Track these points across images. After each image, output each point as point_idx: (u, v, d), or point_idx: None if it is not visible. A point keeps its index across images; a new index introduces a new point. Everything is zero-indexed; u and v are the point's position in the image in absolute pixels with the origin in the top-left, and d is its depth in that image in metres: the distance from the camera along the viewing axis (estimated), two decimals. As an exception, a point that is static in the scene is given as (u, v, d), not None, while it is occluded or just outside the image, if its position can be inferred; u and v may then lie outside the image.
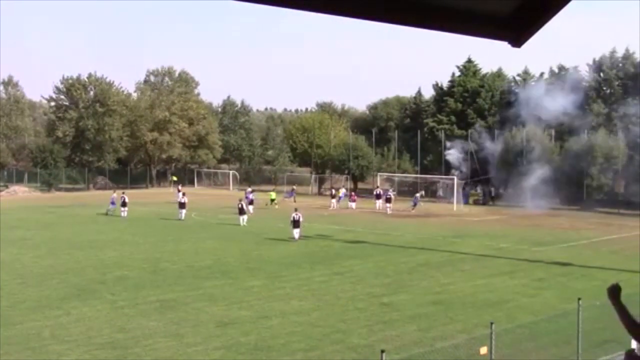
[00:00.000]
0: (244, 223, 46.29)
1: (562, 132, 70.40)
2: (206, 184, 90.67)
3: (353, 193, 66.55)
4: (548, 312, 21.41)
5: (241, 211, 47.08)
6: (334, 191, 65.27)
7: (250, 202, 53.99)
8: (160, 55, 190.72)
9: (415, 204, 59.79)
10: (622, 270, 30.34)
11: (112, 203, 53.14)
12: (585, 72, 76.80)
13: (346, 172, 79.32)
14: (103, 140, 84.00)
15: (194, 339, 19.14)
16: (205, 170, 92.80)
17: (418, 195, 62.37)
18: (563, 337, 17.51)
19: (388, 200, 59.14)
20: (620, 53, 74.89)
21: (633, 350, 4.92)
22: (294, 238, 39.34)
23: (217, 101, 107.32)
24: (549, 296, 25.34)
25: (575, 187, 62.79)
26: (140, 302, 23.59)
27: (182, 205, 50.51)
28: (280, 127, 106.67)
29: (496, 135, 70.94)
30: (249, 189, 61.12)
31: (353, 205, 61.22)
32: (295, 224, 39.83)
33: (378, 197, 61.36)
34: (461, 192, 66.57)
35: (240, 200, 48.58)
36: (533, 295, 25.60)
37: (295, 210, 40.92)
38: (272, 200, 60.15)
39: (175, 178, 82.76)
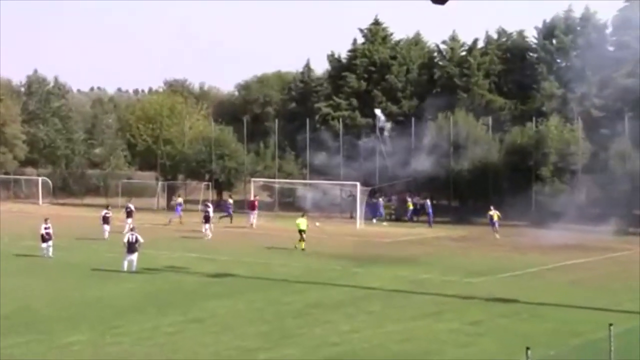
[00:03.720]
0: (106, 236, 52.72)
1: (502, 121, 72.74)
2: (4, 196, 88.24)
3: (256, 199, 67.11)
4: (487, 366, 21.50)
5: (105, 220, 53.67)
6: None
7: (105, 220, 54.84)
8: None
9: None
10: (586, 307, 31.16)
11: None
12: (532, 39, 78.89)
13: (207, 177, 79.01)
14: None
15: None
16: (3, 176, 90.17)
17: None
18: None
19: (206, 218, 57.10)
20: (578, 13, 78.06)
21: None
22: (123, 268, 39.72)
23: (19, 78, 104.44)
24: (488, 345, 25.72)
25: (521, 194, 64.53)
26: None
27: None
28: (112, 114, 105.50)
29: (413, 125, 72.56)
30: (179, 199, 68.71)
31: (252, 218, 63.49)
32: (131, 247, 39.97)
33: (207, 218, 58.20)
34: (370, 204, 67.99)
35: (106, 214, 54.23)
36: (467, 344, 25.93)
37: (132, 229, 41.25)
38: (302, 231, 51.05)
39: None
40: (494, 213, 58.19)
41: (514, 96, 77.96)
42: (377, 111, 76.36)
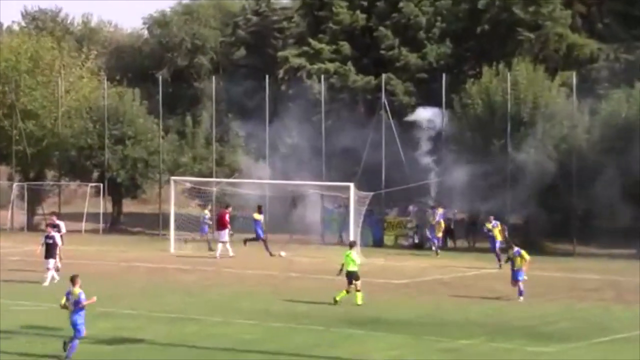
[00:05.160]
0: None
1: (595, 79, 72.77)
2: None
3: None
4: None
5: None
6: None
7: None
8: None
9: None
10: None
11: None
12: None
13: (96, 175, 79.92)
14: None
15: None
16: None
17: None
18: None
19: (48, 250, 56.50)
20: None
21: None
22: None
23: None
24: None
25: (625, 202, 64.84)
26: None
27: None
28: None
29: (445, 86, 71.86)
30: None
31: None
32: None
33: None
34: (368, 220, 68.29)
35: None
36: None
37: None
38: (352, 274, 49.64)
39: None
40: (517, 256, 48.19)
41: (614, 39, 76.80)
42: (431, 111, 75.25)
